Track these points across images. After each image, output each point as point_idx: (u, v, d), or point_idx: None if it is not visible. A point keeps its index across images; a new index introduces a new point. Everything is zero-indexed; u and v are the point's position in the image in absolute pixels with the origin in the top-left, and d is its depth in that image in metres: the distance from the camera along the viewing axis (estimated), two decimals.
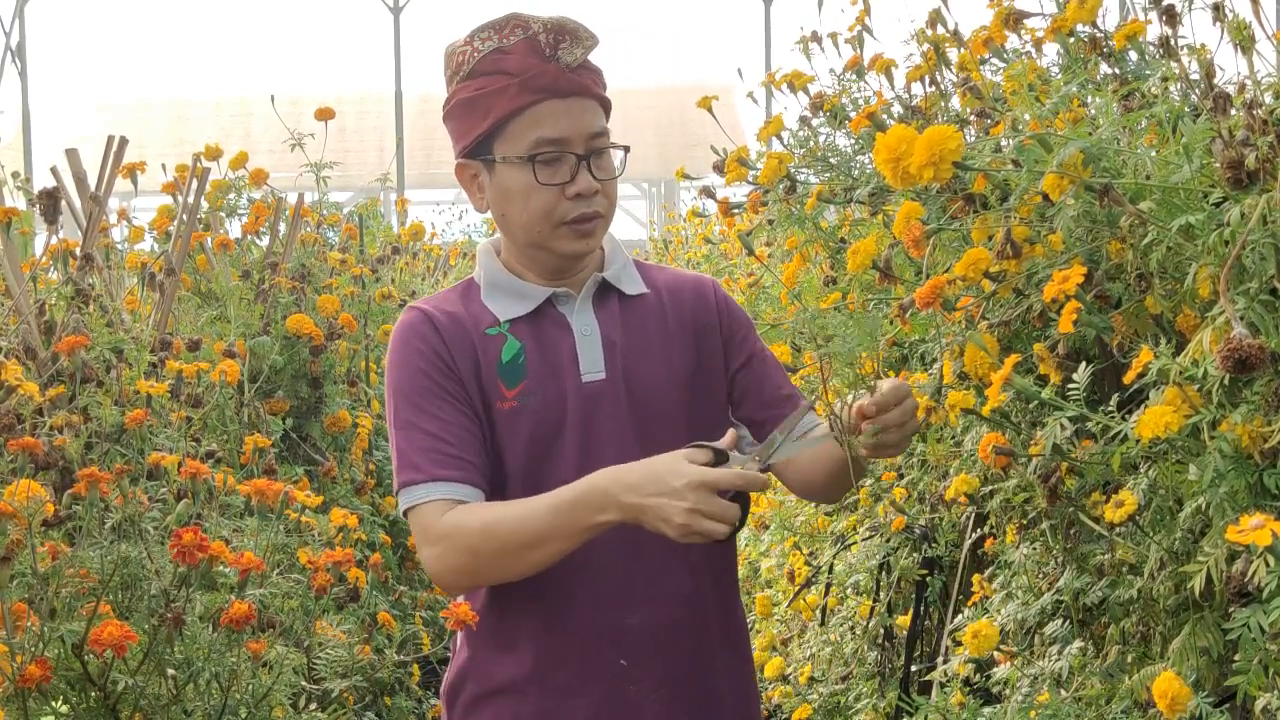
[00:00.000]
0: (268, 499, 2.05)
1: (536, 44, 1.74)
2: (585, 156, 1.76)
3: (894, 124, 2.04)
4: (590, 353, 1.83)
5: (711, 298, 1.95)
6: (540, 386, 1.81)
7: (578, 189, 1.76)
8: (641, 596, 1.81)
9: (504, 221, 1.83)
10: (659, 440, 1.82)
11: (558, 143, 1.75)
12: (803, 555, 3.72)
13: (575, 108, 1.76)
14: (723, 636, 1.92)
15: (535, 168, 1.75)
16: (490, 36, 1.77)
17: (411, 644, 3.61)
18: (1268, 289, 1.37)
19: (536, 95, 1.74)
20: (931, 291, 1.68)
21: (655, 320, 1.90)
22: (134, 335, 3.03)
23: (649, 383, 1.85)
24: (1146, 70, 1.92)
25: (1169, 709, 1.32)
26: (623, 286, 1.89)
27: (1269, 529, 1.16)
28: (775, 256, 3.09)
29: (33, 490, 1.74)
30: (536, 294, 1.84)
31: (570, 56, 1.75)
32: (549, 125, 1.74)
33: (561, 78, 1.74)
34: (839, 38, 2.85)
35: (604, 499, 1.64)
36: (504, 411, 1.80)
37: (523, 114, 1.74)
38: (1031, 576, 2.12)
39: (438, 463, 1.75)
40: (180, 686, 1.84)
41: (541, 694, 1.82)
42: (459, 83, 1.79)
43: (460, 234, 9.89)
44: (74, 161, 3.34)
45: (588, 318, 1.85)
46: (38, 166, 12.21)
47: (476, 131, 1.78)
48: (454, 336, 1.81)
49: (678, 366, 1.88)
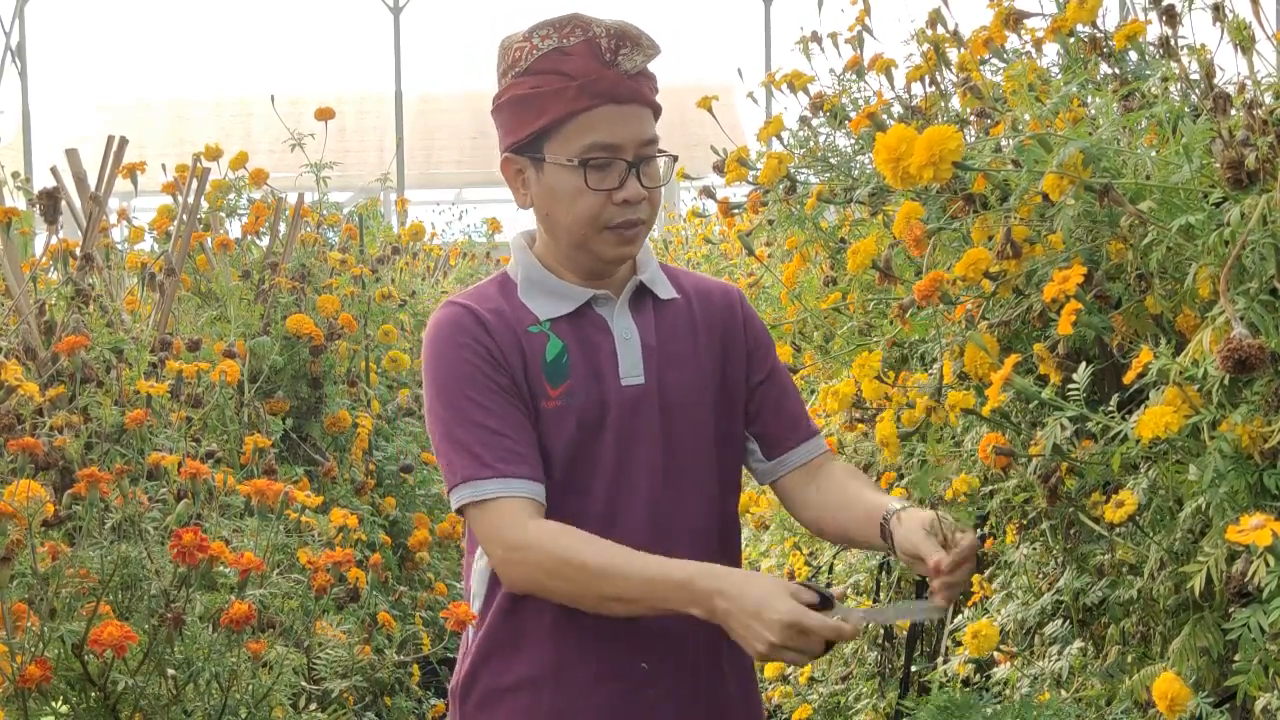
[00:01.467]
0: (268, 499, 2.05)
1: (597, 48, 1.73)
2: (635, 164, 1.75)
3: (894, 124, 2.04)
4: (630, 356, 1.83)
5: (738, 308, 1.96)
6: (583, 387, 1.80)
7: (625, 195, 1.75)
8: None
9: (548, 221, 1.82)
10: (686, 447, 1.84)
11: (610, 149, 1.74)
12: (803, 555, 3.72)
13: (630, 115, 1.75)
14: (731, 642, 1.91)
15: (587, 172, 1.74)
16: (550, 35, 1.75)
17: (411, 644, 3.61)
18: (1268, 289, 1.37)
19: (594, 100, 1.73)
20: (930, 285, 1.68)
21: (686, 325, 1.90)
22: (134, 335, 3.03)
23: (681, 389, 1.85)
24: (1146, 70, 1.92)
25: (1169, 709, 1.32)
26: (656, 290, 1.89)
27: (1269, 529, 1.16)
28: (775, 256, 3.09)
29: (33, 490, 1.74)
30: (577, 295, 1.84)
31: (630, 63, 1.74)
32: (604, 131, 1.73)
33: (620, 84, 1.73)
34: (839, 38, 2.85)
35: (702, 598, 1.64)
36: (548, 410, 1.79)
37: (578, 117, 1.73)
38: (1031, 576, 2.12)
39: (504, 459, 1.73)
40: (180, 686, 1.84)
41: (557, 691, 1.82)
42: (514, 78, 1.78)
43: (460, 234, 9.88)
44: (74, 161, 3.34)
45: (627, 321, 1.85)
46: (38, 166, 12.21)
47: (528, 129, 1.76)
48: (500, 332, 1.80)
49: (707, 372, 1.89)
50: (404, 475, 4.28)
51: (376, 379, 4.60)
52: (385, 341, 4.55)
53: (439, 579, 4.26)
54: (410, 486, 4.32)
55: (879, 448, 1.99)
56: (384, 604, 3.34)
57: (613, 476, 1.80)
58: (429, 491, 4.42)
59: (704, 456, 1.87)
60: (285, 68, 15.95)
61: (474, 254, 7.96)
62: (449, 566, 4.57)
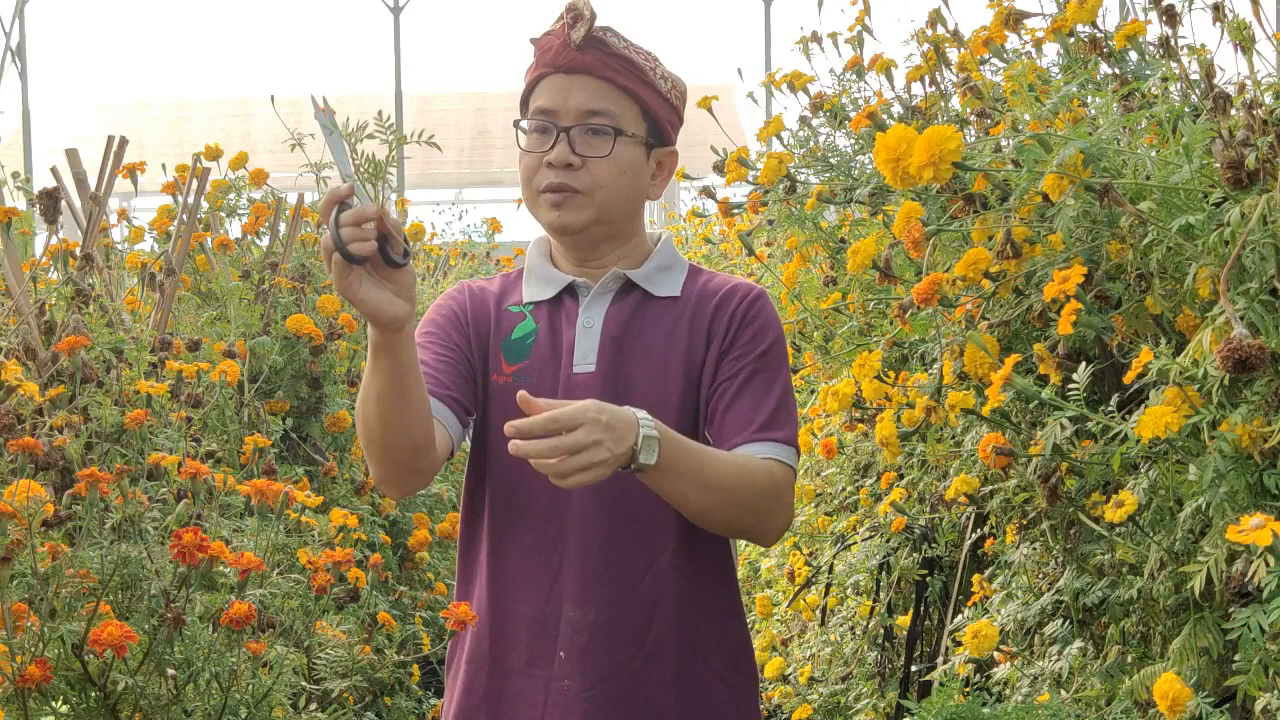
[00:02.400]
0: (268, 499, 2.05)
1: (565, 25, 1.85)
2: (568, 129, 1.82)
3: (894, 124, 2.04)
4: (585, 345, 1.85)
5: (735, 304, 1.86)
6: (536, 370, 1.86)
7: (549, 158, 1.82)
8: (594, 595, 1.81)
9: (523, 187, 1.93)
10: None
11: (547, 113, 1.84)
12: (803, 555, 3.73)
13: (574, 84, 1.83)
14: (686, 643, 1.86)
15: (528, 135, 1.86)
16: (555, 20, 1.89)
17: (411, 644, 3.61)
18: (1268, 289, 1.37)
19: (544, 69, 1.85)
20: (930, 287, 1.68)
21: (670, 321, 1.87)
22: (134, 335, 3.03)
23: (640, 380, 1.84)
24: (1146, 70, 1.92)
25: (1169, 709, 1.32)
26: (651, 288, 1.88)
27: (1269, 529, 1.16)
28: (775, 256, 3.09)
29: (33, 490, 1.74)
30: (559, 280, 1.90)
31: (576, 34, 1.83)
32: (546, 97, 1.84)
33: (564, 54, 1.83)
34: (839, 38, 2.86)
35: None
36: (497, 385, 1.87)
37: (535, 87, 1.87)
38: (1031, 576, 2.12)
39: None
40: (180, 686, 1.84)
41: (493, 673, 1.86)
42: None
43: (460, 234, 9.88)
44: (74, 161, 3.34)
45: (596, 311, 1.87)
46: (38, 166, 12.20)
47: (521, 102, 1.91)
48: (478, 304, 1.92)
49: (681, 370, 1.86)
50: None
51: None
52: None
53: (439, 579, 4.26)
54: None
55: (879, 448, 1.99)
56: (384, 604, 3.33)
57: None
58: (429, 491, 4.42)
59: None
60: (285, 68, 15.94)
61: (474, 254, 7.96)
62: (449, 566, 4.57)
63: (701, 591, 1.87)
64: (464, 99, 14.90)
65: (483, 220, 8.95)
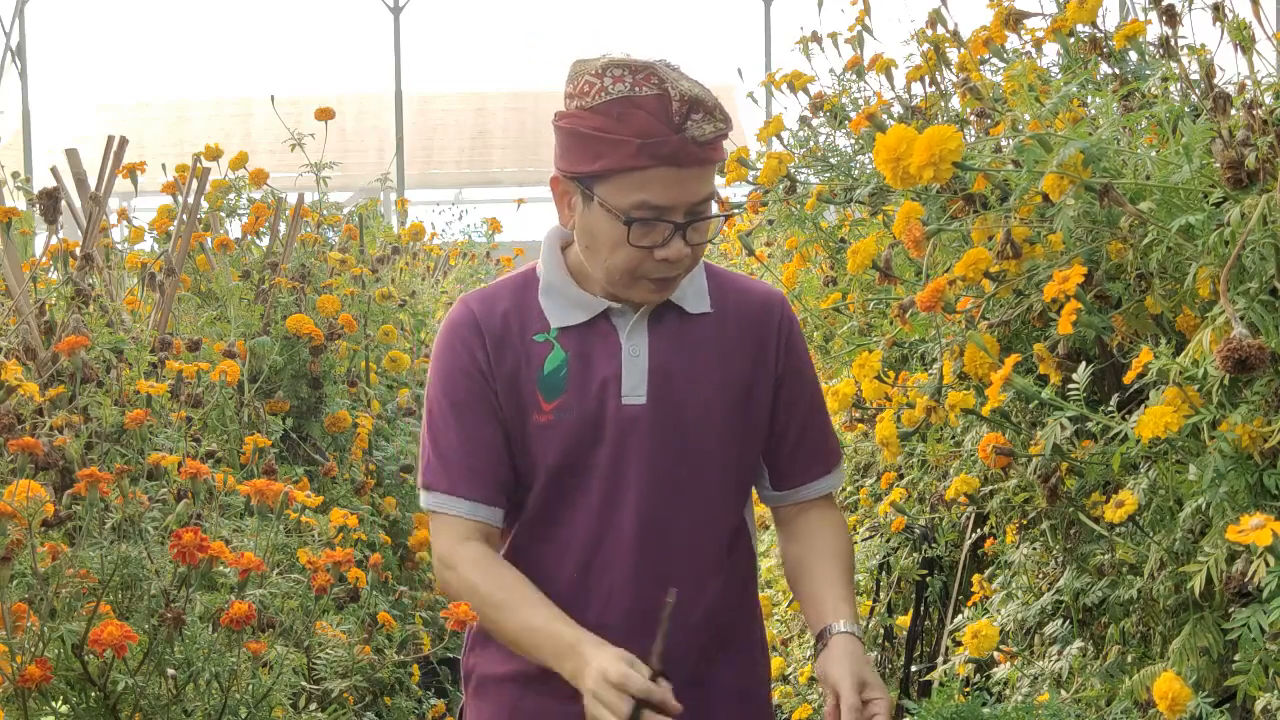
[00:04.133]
0: (268, 499, 2.05)
1: (668, 108, 1.67)
2: (683, 225, 1.72)
3: (894, 124, 2.04)
4: (634, 375, 1.81)
5: (776, 322, 1.90)
6: (578, 403, 1.80)
7: (666, 255, 1.72)
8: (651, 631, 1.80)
9: (587, 252, 1.79)
10: (686, 467, 1.83)
11: (660, 209, 1.70)
12: None
13: (687, 177, 1.70)
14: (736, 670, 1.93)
15: (631, 229, 1.71)
16: (624, 77, 1.69)
17: (411, 644, 3.61)
18: (1268, 289, 1.37)
19: (652, 162, 1.68)
20: (932, 295, 1.68)
21: (714, 342, 1.86)
22: (134, 335, 3.03)
23: (693, 407, 1.83)
24: (1146, 70, 1.92)
25: (1169, 709, 1.32)
26: (685, 304, 1.85)
27: (1269, 529, 1.16)
28: (775, 256, 3.09)
29: (33, 490, 1.74)
30: (594, 305, 1.82)
31: (699, 131, 1.68)
32: (656, 192, 1.69)
33: (683, 149, 1.68)
34: (839, 38, 2.85)
35: (566, 661, 1.71)
36: (539, 424, 1.81)
37: (633, 174, 1.69)
38: (1031, 576, 2.12)
39: (460, 474, 1.81)
40: (180, 686, 1.84)
41: (542, 694, 1.83)
42: (577, 109, 1.73)
43: (460, 234, 9.88)
44: (74, 161, 3.34)
45: (640, 338, 1.82)
46: (38, 166, 12.19)
47: (582, 168, 1.73)
48: (497, 343, 1.81)
49: (729, 389, 1.86)
50: (404, 475, 4.28)
51: (376, 379, 4.60)
52: (385, 341, 4.55)
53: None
54: (410, 486, 4.32)
55: (879, 448, 1.99)
56: (384, 604, 3.33)
57: (603, 493, 1.81)
58: None
59: (708, 476, 1.85)
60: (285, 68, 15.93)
61: (474, 254, 7.96)
62: None
63: (739, 614, 1.94)
64: (464, 99, 14.89)
65: (483, 220, 8.95)
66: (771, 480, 1.94)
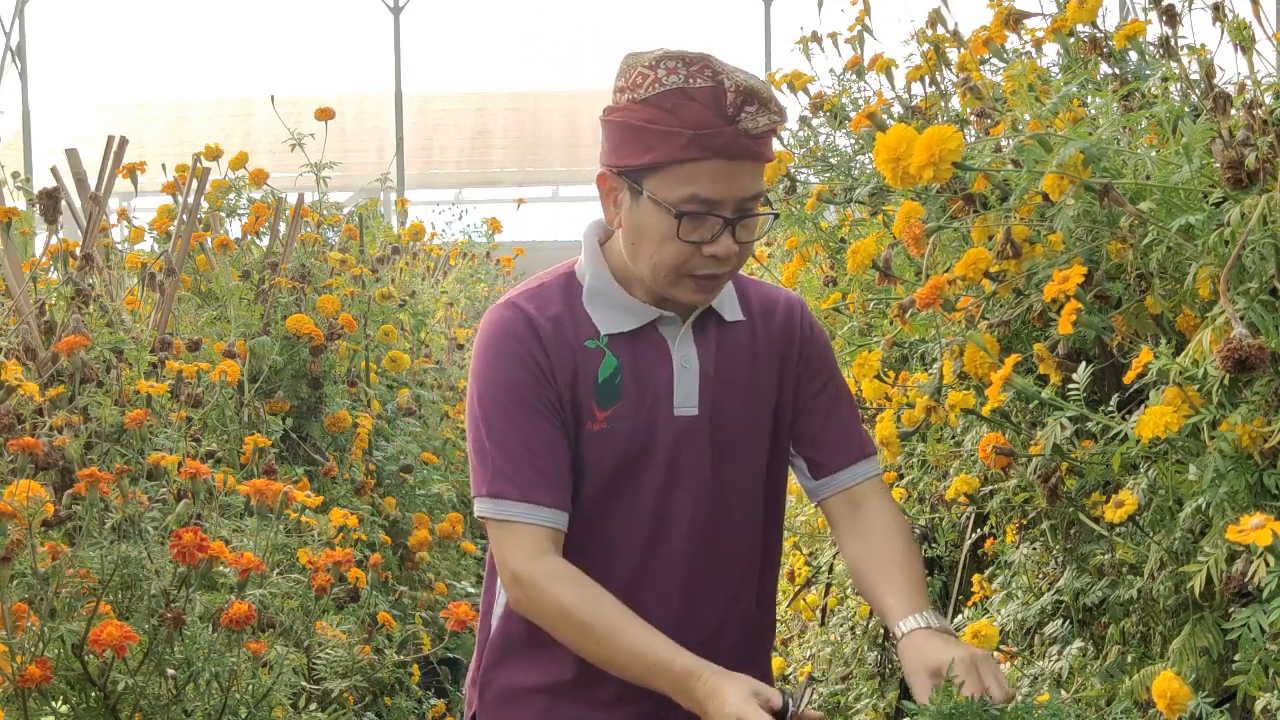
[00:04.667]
0: (268, 499, 2.05)
1: (721, 99, 1.66)
2: (733, 221, 1.70)
3: (894, 124, 2.04)
4: (686, 385, 1.79)
5: (798, 326, 1.89)
6: (633, 412, 1.77)
7: (715, 251, 1.70)
8: (693, 630, 1.79)
9: (632, 250, 1.76)
10: (734, 478, 1.82)
11: (710, 203, 1.68)
12: (803, 555, 3.72)
13: (738, 170, 1.68)
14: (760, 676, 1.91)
15: (680, 222, 1.69)
16: (678, 69, 1.67)
17: (411, 644, 3.61)
18: (1268, 289, 1.37)
19: (704, 154, 1.66)
20: (932, 292, 1.68)
21: (747, 351, 1.85)
22: (134, 335, 3.03)
23: (735, 418, 1.82)
24: (1146, 70, 1.92)
25: (1169, 709, 1.32)
26: (723, 312, 1.84)
27: (1269, 529, 1.16)
28: (775, 256, 3.09)
29: (33, 490, 1.74)
30: (642, 313, 1.79)
31: (752, 124, 1.66)
32: (707, 185, 1.67)
33: (736, 142, 1.66)
34: (839, 38, 2.85)
35: (686, 692, 1.65)
36: (592, 432, 1.76)
37: (684, 165, 1.67)
38: (1031, 576, 2.12)
39: (533, 481, 1.72)
40: (180, 686, 1.84)
41: (577, 703, 1.81)
42: (629, 102, 1.70)
43: (460, 234, 9.88)
44: (74, 161, 3.34)
45: (689, 348, 1.80)
46: (38, 166, 12.18)
47: (632, 161, 1.70)
48: (555, 345, 1.76)
49: (764, 400, 1.85)
50: (404, 475, 4.28)
51: (376, 379, 4.60)
52: (385, 341, 4.55)
53: (439, 579, 4.26)
54: (410, 486, 4.32)
55: (879, 447, 1.99)
56: (384, 604, 3.33)
57: (656, 503, 1.78)
58: (429, 491, 4.42)
59: (752, 487, 1.85)
60: (285, 68, 15.92)
61: (474, 254, 7.96)
62: (449, 566, 4.57)
63: (767, 617, 1.94)
64: (464, 99, 14.89)
65: (483, 220, 8.95)
66: (810, 470, 1.91)
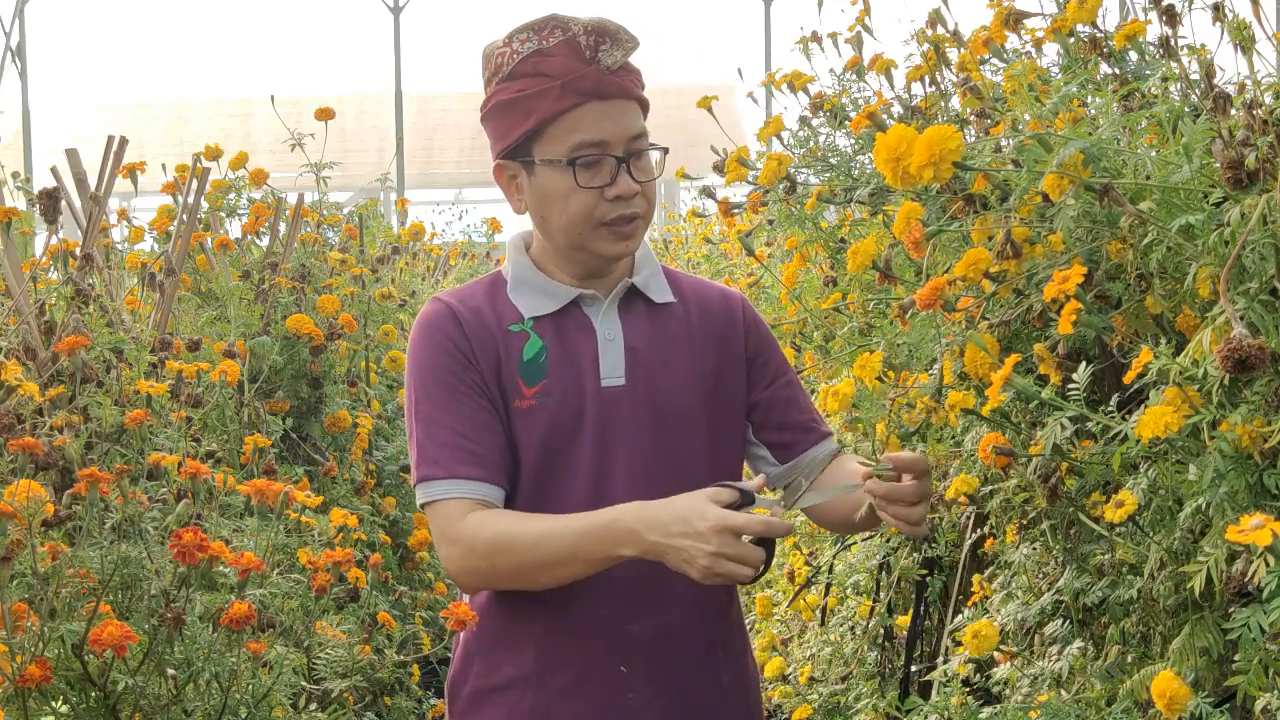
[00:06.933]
0: (268, 499, 2.05)
1: (576, 46, 1.73)
2: (625, 159, 1.75)
3: (894, 124, 2.04)
4: (611, 357, 1.83)
5: (739, 314, 1.95)
6: (559, 387, 1.81)
7: (617, 191, 1.75)
8: (645, 603, 1.81)
9: (544, 225, 1.82)
10: (673, 451, 1.84)
11: (598, 145, 1.74)
12: (803, 555, 3.73)
13: (615, 110, 1.75)
14: (725, 644, 1.92)
15: (575, 170, 1.74)
16: (530, 38, 1.75)
17: (411, 644, 3.61)
18: (1268, 289, 1.37)
19: (578, 98, 1.73)
20: (932, 293, 1.68)
21: (680, 329, 1.89)
22: (134, 335, 3.03)
23: (669, 391, 1.85)
24: (1146, 70, 1.92)
25: (1168, 709, 1.32)
26: (651, 294, 1.89)
27: (1269, 529, 1.16)
28: (775, 257, 3.09)
29: (33, 490, 1.74)
30: (563, 294, 1.84)
31: (610, 59, 1.74)
32: (590, 128, 1.73)
33: (602, 80, 1.73)
34: (839, 38, 2.85)
35: (628, 534, 1.65)
36: (521, 410, 1.80)
37: (564, 117, 1.74)
38: (1031, 576, 2.12)
39: (458, 459, 1.76)
40: (180, 686, 1.84)
41: (539, 693, 1.83)
42: (498, 84, 1.78)
43: (460, 234, 9.89)
44: (74, 161, 3.34)
45: (612, 322, 1.85)
46: (38, 166, 12.20)
47: (516, 133, 1.77)
48: (477, 330, 1.81)
49: (701, 375, 1.88)
50: (404, 475, 4.29)
51: (376, 379, 4.60)
52: (385, 341, 4.55)
53: (439, 579, 4.26)
54: (410, 486, 4.32)
55: (880, 447, 1.99)
56: (384, 604, 3.33)
57: (591, 477, 1.80)
58: None
59: (694, 461, 1.86)
60: (285, 68, 15.95)
61: (474, 254, 7.96)
62: None
63: (732, 590, 1.95)
64: (464, 99, 14.89)
65: (482, 220, 8.96)
66: (777, 456, 1.95)
